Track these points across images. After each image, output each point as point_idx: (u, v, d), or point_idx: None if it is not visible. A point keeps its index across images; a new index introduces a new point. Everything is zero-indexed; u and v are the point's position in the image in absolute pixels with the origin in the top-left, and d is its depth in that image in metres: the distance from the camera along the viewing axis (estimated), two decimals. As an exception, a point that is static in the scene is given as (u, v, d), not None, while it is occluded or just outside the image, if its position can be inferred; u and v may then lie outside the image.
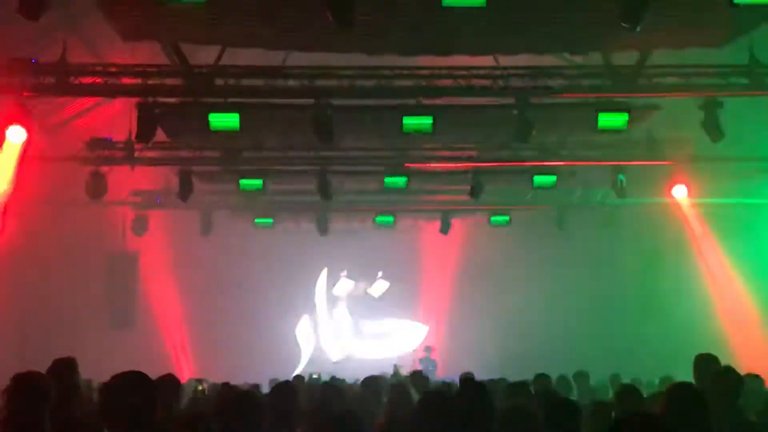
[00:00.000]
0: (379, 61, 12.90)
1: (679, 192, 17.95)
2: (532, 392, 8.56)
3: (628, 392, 6.99)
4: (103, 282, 20.47)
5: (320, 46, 12.23)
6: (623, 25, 9.89)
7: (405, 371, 16.25)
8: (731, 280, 18.32)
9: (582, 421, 5.59)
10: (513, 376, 9.95)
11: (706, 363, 7.36)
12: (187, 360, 21.08)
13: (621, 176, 17.41)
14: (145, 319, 20.64)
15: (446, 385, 10.66)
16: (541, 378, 10.10)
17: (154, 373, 6.99)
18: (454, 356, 21.34)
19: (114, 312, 20.39)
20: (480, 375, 10.47)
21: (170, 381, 6.88)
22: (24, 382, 5.16)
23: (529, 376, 9.95)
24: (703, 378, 6.98)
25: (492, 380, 10.32)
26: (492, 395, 6.13)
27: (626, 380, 10.70)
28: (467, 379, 8.90)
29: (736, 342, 15.91)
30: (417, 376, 11.28)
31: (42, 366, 5.92)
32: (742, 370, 7.08)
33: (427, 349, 21.59)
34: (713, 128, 13.66)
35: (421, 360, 20.78)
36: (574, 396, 10.68)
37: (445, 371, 19.60)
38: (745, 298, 17.99)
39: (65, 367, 6.36)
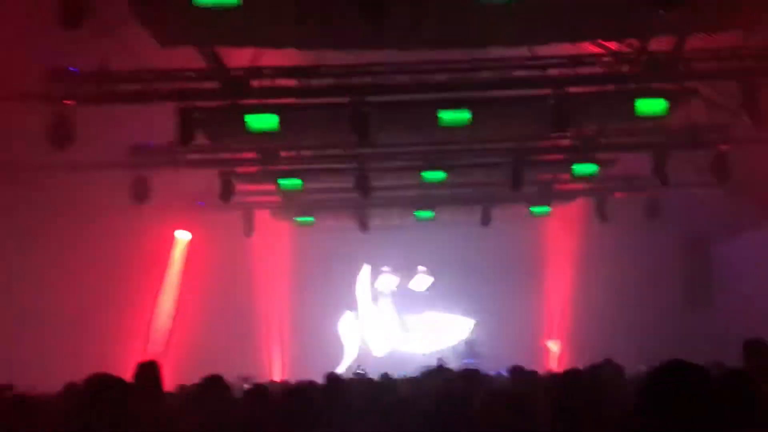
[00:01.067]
0: (414, 57, 12.91)
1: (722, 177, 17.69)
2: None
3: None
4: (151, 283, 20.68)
5: (353, 44, 12.25)
6: (659, 10, 9.81)
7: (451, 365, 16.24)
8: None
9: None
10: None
11: (756, 349, 7.28)
12: (232, 359, 21.21)
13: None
14: (190, 318, 20.82)
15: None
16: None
17: (200, 372, 7.10)
18: (497, 349, 21.33)
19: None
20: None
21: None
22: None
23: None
24: (752, 364, 6.91)
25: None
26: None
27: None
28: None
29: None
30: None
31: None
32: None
33: (469, 341, 21.51)
34: (753, 110, 13.48)
35: (459, 353, 20.72)
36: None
37: (490, 364, 19.56)
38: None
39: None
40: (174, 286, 21.33)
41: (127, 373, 5.86)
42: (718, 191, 18.28)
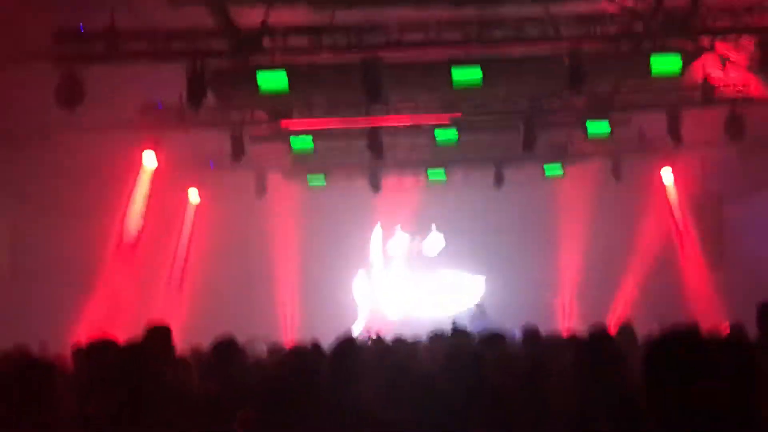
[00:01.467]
0: (427, 15, 12.75)
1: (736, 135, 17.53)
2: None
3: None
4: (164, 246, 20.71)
5: (367, 1, 12.11)
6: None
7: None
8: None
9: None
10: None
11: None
12: (245, 321, 21.25)
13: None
14: (202, 280, 20.86)
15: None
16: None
17: (212, 335, 7.08)
18: (509, 310, 21.35)
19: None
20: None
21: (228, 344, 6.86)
22: None
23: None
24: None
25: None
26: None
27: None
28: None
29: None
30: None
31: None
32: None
33: (479, 305, 21.46)
34: (771, 69, 13.32)
35: (471, 317, 20.68)
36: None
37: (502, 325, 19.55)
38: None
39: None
40: (185, 248, 21.34)
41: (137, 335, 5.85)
42: (732, 151, 18.14)
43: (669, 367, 3.22)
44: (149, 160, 16.94)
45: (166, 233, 20.75)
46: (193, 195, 20.21)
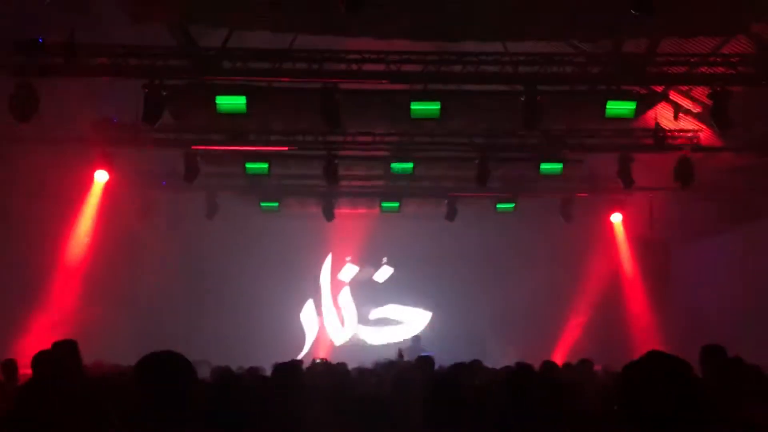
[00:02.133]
0: (388, 46, 12.85)
1: (685, 180, 17.84)
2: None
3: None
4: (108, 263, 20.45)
5: (329, 29, 12.19)
6: (634, 12, 9.83)
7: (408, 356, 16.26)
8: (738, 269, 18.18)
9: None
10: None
11: (713, 354, 7.32)
12: (190, 342, 21.00)
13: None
14: (149, 300, 20.62)
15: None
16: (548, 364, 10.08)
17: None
18: (455, 343, 21.45)
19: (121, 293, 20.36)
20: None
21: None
22: None
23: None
24: (709, 369, 6.94)
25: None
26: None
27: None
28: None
29: (743, 333, 15.83)
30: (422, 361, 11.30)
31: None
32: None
33: (416, 338, 21.48)
34: (721, 117, 13.57)
35: (408, 349, 20.60)
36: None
37: (444, 358, 19.59)
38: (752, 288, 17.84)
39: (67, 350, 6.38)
40: (133, 265, 21.08)
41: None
42: (681, 196, 18.46)
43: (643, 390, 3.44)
44: (101, 176, 16.76)
45: (115, 250, 20.49)
46: (143, 212, 19.98)
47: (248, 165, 17.22)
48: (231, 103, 13.19)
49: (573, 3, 11.25)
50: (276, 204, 20.69)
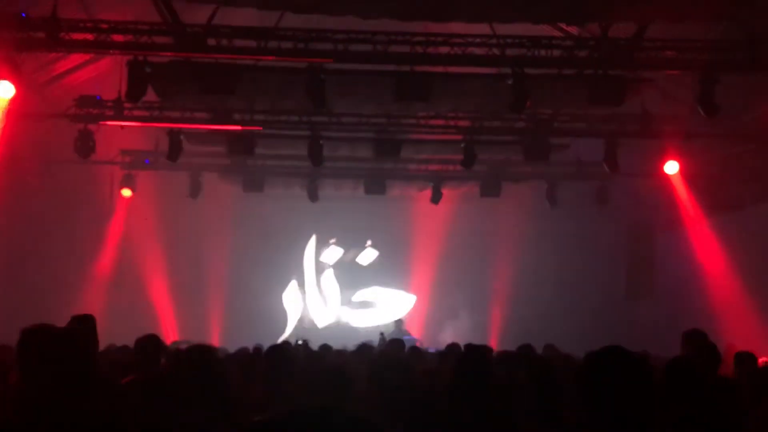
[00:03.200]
0: (375, 26, 12.75)
1: (671, 168, 17.87)
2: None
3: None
4: (90, 242, 20.35)
5: (316, 7, 12.07)
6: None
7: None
8: (720, 257, 18.24)
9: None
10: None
11: (693, 338, 7.32)
12: (171, 323, 21.00)
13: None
14: (131, 278, 20.55)
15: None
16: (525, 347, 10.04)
17: (138, 334, 6.99)
18: (437, 327, 21.50)
19: (103, 272, 20.30)
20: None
21: (152, 340, 6.83)
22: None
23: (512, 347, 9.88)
24: (689, 354, 6.95)
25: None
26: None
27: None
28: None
29: (725, 319, 15.89)
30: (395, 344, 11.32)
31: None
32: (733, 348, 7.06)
33: (398, 321, 21.52)
34: (708, 104, 13.55)
35: (390, 333, 20.59)
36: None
37: (427, 342, 19.65)
38: (734, 275, 17.90)
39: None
40: (114, 246, 21.00)
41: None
42: (665, 182, 18.47)
43: (605, 381, 3.52)
44: (83, 153, 16.60)
45: (96, 229, 20.41)
46: (126, 191, 19.88)
47: (232, 144, 17.11)
48: (215, 81, 13.09)
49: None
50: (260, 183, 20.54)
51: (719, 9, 11.85)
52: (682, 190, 18.57)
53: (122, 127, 16.40)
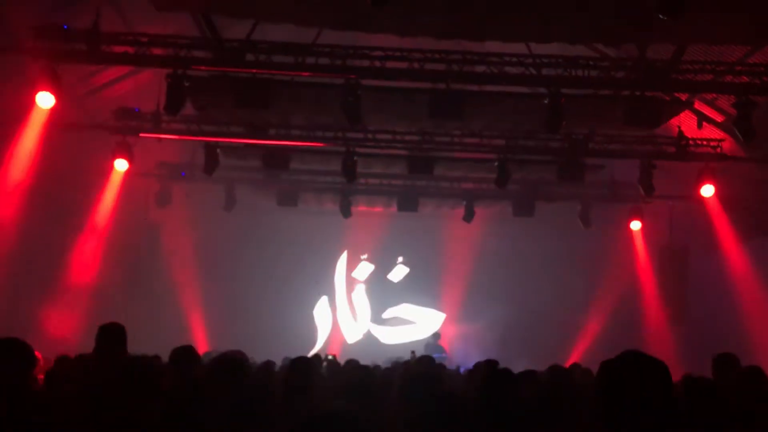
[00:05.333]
0: (412, 44, 12.81)
1: (707, 191, 17.71)
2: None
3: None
4: (126, 252, 20.50)
5: (353, 24, 12.13)
6: (661, 16, 9.71)
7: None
8: (756, 282, 18.05)
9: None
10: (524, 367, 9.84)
11: (726, 363, 7.24)
12: (204, 334, 21.10)
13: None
14: (165, 290, 20.68)
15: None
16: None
17: (171, 345, 7.03)
18: (468, 345, 21.43)
19: (137, 282, 20.43)
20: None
21: (187, 351, 6.88)
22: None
23: (541, 367, 9.84)
24: (723, 379, 6.87)
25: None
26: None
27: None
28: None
29: (757, 342, 15.72)
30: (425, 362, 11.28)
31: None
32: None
33: (435, 335, 21.49)
34: (745, 127, 13.45)
35: (426, 345, 20.80)
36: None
37: (458, 359, 19.64)
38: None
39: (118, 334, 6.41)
40: (149, 256, 21.14)
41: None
42: (701, 205, 18.32)
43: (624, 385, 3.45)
44: (121, 164, 16.79)
45: (132, 239, 20.56)
46: (160, 201, 20.05)
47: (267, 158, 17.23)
48: (253, 96, 13.20)
49: (599, 6, 11.12)
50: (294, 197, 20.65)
51: (756, 33, 11.77)
52: (717, 214, 18.39)
53: (160, 139, 16.54)
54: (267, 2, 11.45)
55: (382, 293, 23.91)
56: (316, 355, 14.98)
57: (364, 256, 23.90)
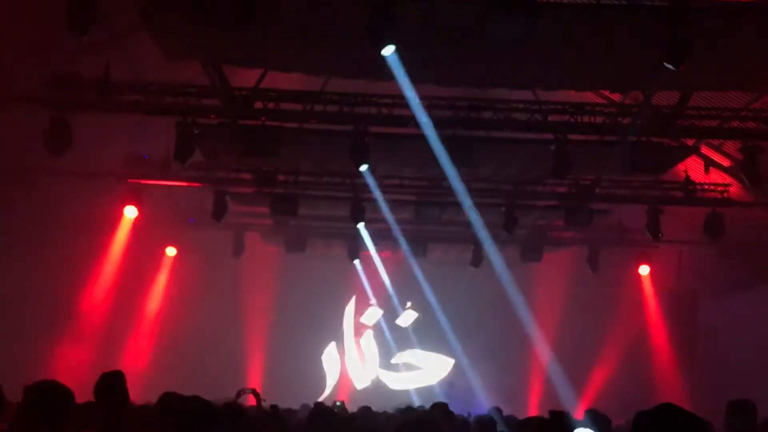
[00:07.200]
0: (419, 91, 12.90)
1: (714, 235, 17.68)
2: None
3: None
4: (135, 297, 20.55)
5: (361, 73, 12.25)
6: (665, 65, 9.78)
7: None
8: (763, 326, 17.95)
9: None
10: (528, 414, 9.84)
11: (742, 410, 7.20)
12: (210, 380, 21.00)
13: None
14: (172, 335, 20.66)
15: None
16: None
17: (177, 390, 7.00)
18: (477, 390, 21.29)
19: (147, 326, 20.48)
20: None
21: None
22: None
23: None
24: (739, 426, 6.84)
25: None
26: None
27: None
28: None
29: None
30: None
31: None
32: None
33: (450, 384, 21.34)
34: (751, 173, 13.50)
35: (443, 394, 20.69)
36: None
37: (465, 406, 19.52)
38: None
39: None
40: (158, 301, 21.19)
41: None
42: (709, 251, 18.31)
43: None
44: (130, 211, 16.90)
45: (141, 285, 20.63)
46: (170, 249, 20.13)
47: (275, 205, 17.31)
48: (262, 143, 13.31)
49: (605, 54, 11.22)
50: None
51: (761, 80, 11.86)
52: (724, 258, 18.37)
53: (169, 186, 16.64)
54: (276, 53, 11.57)
55: (390, 338, 23.83)
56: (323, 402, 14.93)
57: (373, 301, 23.86)
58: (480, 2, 9.47)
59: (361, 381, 23.68)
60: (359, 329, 24.04)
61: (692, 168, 16.00)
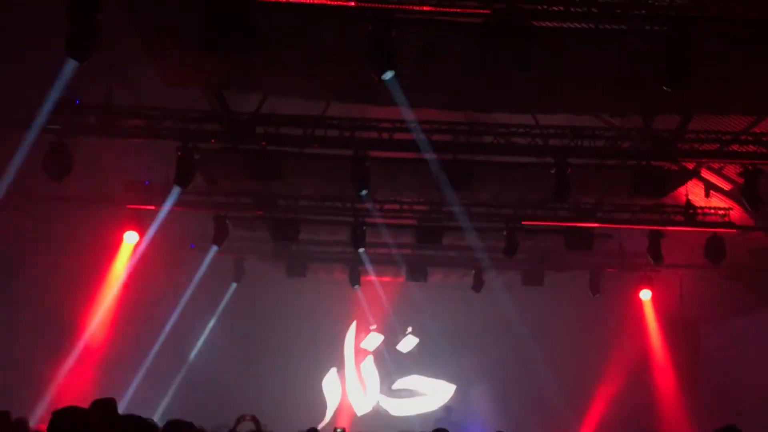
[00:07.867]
0: (419, 115, 12.93)
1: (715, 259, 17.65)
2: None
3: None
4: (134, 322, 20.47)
5: (361, 98, 12.29)
6: (666, 88, 9.80)
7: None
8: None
9: None
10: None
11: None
12: (209, 406, 20.90)
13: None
14: (171, 360, 20.57)
15: None
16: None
17: (174, 416, 6.98)
18: (479, 415, 21.19)
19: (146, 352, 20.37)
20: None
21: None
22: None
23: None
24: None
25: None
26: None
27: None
28: None
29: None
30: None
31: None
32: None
33: (447, 409, 21.22)
34: (752, 196, 13.49)
35: (437, 420, 20.43)
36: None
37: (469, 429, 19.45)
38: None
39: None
40: (158, 327, 21.10)
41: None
42: (711, 274, 18.26)
43: None
44: (131, 237, 16.88)
45: (140, 309, 20.53)
46: (172, 274, 20.07)
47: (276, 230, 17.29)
48: (263, 168, 13.32)
49: (605, 78, 11.25)
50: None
51: (763, 103, 11.88)
52: (725, 283, 18.32)
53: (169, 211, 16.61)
54: (277, 78, 11.61)
55: (391, 364, 23.73)
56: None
57: (373, 327, 23.78)
58: (479, 29, 9.49)
59: (361, 407, 23.55)
60: (360, 355, 23.94)
61: (693, 192, 16.00)
